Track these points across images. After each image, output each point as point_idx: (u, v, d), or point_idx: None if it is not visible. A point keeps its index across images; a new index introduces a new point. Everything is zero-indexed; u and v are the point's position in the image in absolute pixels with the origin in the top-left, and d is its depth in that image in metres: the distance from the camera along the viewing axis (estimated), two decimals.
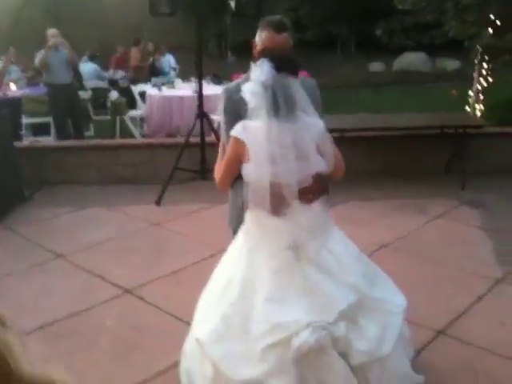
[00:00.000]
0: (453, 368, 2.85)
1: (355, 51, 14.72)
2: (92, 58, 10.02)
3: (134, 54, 11.06)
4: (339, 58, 14.06)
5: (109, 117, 9.54)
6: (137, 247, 4.42)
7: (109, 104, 9.61)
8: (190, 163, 5.61)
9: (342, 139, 5.54)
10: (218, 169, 2.56)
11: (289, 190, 2.32)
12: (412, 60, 13.59)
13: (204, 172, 5.64)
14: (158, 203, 5.33)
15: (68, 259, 4.23)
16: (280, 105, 2.25)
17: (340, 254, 2.45)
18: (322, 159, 2.36)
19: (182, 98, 8.06)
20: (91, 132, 8.65)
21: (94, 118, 9.13)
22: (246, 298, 2.37)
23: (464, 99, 7.43)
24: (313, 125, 2.35)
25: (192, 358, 2.54)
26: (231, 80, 9.29)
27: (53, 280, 3.92)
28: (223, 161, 2.51)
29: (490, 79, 6.99)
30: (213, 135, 5.42)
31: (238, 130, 2.38)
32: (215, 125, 5.91)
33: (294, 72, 2.32)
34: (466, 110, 7.12)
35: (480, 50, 6.62)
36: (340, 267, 2.42)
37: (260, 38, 2.60)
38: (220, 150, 2.62)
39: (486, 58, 6.85)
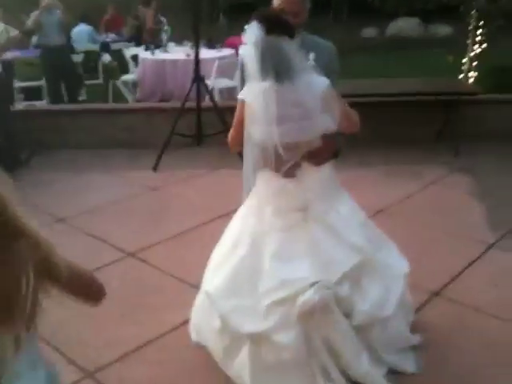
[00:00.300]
0: (448, 328, 2.97)
1: (347, 16, 14.57)
2: (85, 20, 9.79)
3: (149, 15, 10.38)
4: (331, 22, 13.91)
5: (100, 81, 9.46)
6: (137, 211, 4.47)
7: (100, 68, 9.51)
8: (185, 128, 5.61)
9: None
10: (231, 136, 2.62)
11: (297, 150, 2.38)
12: (405, 25, 13.52)
13: (200, 137, 5.67)
14: (154, 169, 5.36)
15: (69, 223, 4.29)
16: (271, 66, 2.28)
17: (346, 217, 2.54)
18: (327, 117, 2.38)
19: (175, 62, 7.97)
20: (83, 96, 8.57)
21: (86, 82, 9.02)
22: (255, 254, 2.48)
23: (457, 65, 7.44)
24: (315, 83, 2.36)
25: (201, 311, 2.65)
26: (226, 44, 9.24)
27: (55, 243, 3.97)
28: (233, 124, 2.58)
29: (484, 45, 7.00)
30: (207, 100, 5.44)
31: (243, 93, 2.46)
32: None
33: (287, 33, 2.32)
34: (458, 77, 7.15)
35: (475, 14, 6.61)
36: (346, 229, 2.51)
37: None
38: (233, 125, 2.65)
39: (480, 23, 6.84)
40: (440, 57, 8.93)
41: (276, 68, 2.29)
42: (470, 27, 7.02)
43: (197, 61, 5.32)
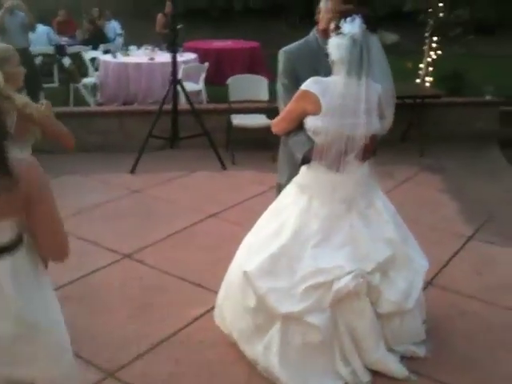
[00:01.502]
0: (446, 314, 3.16)
1: (300, 22, 14.83)
2: (42, 20, 9.52)
3: (160, 18, 9.89)
4: (285, 28, 14.13)
5: (55, 85, 9.23)
6: (124, 213, 4.44)
7: (56, 71, 9.29)
8: (158, 131, 5.60)
9: None
10: (278, 119, 2.69)
11: (354, 145, 2.49)
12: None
13: (175, 140, 5.68)
14: (132, 171, 5.33)
15: None
16: (364, 60, 2.38)
17: (381, 211, 2.69)
18: (378, 119, 2.53)
19: (139, 65, 7.92)
20: (42, 100, 8.33)
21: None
22: (297, 240, 2.58)
23: (410, 71, 7.81)
24: (374, 85, 2.48)
25: (235, 290, 2.72)
26: (184, 48, 9.25)
27: None
28: (286, 110, 2.63)
29: (439, 52, 7.39)
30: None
31: (308, 84, 2.50)
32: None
33: (375, 31, 2.44)
34: (416, 82, 7.50)
35: (432, 23, 6.97)
36: (381, 223, 2.67)
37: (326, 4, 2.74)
38: (281, 113, 2.71)
39: (435, 32, 7.23)
40: (393, 62, 9.29)
41: (365, 63, 2.38)
42: (426, 34, 7.41)
43: (174, 64, 5.33)
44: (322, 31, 2.76)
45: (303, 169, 2.67)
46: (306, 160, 2.62)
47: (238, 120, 5.61)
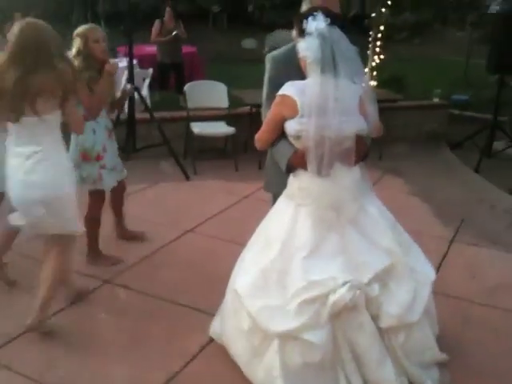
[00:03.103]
0: (451, 321, 3.09)
1: (228, 26, 14.72)
2: None
3: (156, 25, 8.15)
4: (212, 32, 13.96)
5: None
6: None
7: None
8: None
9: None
10: (259, 132, 2.55)
11: (336, 147, 2.34)
12: (284, 37, 13.89)
13: (132, 151, 5.32)
14: None
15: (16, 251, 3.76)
16: (336, 56, 2.27)
17: (375, 217, 2.53)
18: (362, 119, 2.40)
19: None
20: None
21: None
22: (286, 255, 2.43)
23: None
24: (356, 85, 2.37)
25: (229, 311, 2.57)
26: (115, 52, 8.80)
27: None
28: (265, 121, 2.52)
29: (382, 56, 7.52)
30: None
31: (283, 88, 2.39)
32: None
33: (343, 29, 2.33)
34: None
35: (379, 28, 7.08)
36: (376, 230, 2.51)
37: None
38: (264, 122, 2.55)
39: (379, 35, 7.35)
40: None
41: (339, 59, 2.27)
42: (370, 39, 7.52)
43: (131, 70, 4.99)
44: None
45: (291, 177, 2.54)
46: (290, 168, 2.50)
47: (200, 128, 5.36)
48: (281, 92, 2.39)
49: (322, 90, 2.29)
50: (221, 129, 5.45)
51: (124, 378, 2.61)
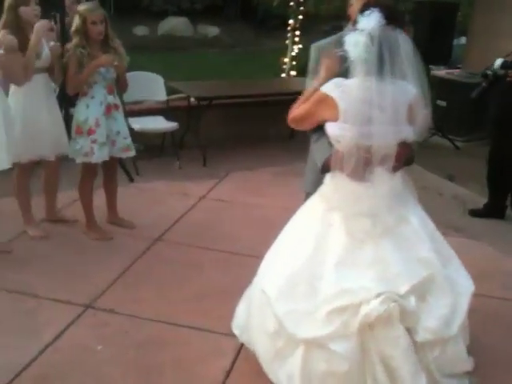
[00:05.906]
0: None
1: (115, 12, 13.87)
2: None
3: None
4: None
5: None
6: (45, 253, 3.55)
7: None
8: None
9: (210, 107, 5.35)
10: (297, 109, 2.41)
11: (376, 154, 2.26)
12: (175, 25, 13.49)
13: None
14: None
15: None
16: (384, 59, 2.16)
17: (416, 228, 2.44)
18: (409, 127, 2.32)
19: None
20: None
21: None
22: (317, 257, 2.35)
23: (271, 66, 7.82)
24: (408, 88, 2.27)
25: (255, 310, 2.46)
26: None
27: None
28: (305, 109, 2.37)
29: (300, 46, 7.52)
30: None
31: (329, 87, 2.27)
32: None
33: (401, 27, 2.22)
34: (281, 76, 7.54)
35: (298, 18, 7.06)
36: (415, 241, 2.41)
37: None
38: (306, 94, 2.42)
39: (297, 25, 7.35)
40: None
41: (387, 62, 2.14)
42: (289, 28, 7.47)
43: None
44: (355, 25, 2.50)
45: (327, 177, 2.43)
46: (325, 169, 2.40)
47: (140, 124, 4.89)
48: (325, 90, 2.26)
49: (365, 95, 2.18)
50: (163, 124, 5.07)
51: None
